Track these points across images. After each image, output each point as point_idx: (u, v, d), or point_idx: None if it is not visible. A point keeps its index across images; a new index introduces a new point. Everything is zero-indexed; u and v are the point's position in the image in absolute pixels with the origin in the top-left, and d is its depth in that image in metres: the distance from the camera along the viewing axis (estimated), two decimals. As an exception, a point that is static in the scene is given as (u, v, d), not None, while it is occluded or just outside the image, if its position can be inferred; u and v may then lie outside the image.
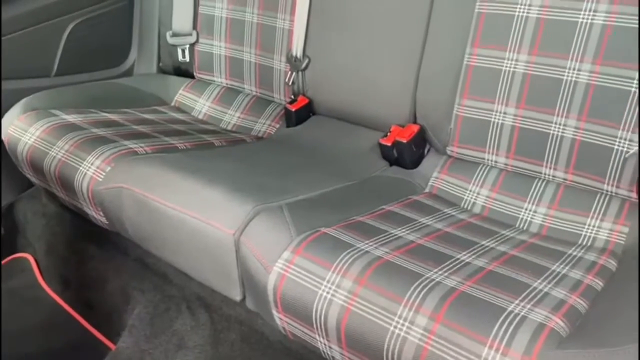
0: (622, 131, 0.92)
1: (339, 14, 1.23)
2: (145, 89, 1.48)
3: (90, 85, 1.42)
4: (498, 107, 1.03)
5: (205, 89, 1.49)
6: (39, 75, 1.42)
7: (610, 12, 0.91)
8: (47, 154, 1.11)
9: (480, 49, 1.04)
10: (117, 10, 1.53)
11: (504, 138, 1.04)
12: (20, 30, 1.34)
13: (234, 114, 1.43)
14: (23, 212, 1.41)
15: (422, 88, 1.13)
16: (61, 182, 1.10)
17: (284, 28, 1.33)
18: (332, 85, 1.28)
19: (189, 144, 1.19)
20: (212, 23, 1.45)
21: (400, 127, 1.15)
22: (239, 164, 1.07)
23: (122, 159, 1.04)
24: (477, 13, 1.04)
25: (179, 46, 1.49)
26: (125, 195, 0.98)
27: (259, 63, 1.40)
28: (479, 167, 1.10)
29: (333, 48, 1.25)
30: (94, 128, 1.17)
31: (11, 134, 1.18)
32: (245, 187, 0.93)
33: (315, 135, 1.27)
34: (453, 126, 1.09)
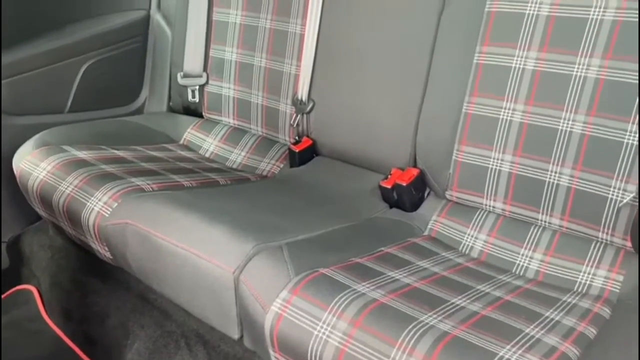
0: (616, 181, 0.94)
1: (343, 61, 1.27)
2: (155, 127, 1.52)
3: (102, 122, 1.47)
4: (495, 154, 1.06)
5: (213, 128, 1.53)
6: (53, 112, 1.47)
7: (602, 67, 0.95)
8: (57, 188, 1.14)
9: (478, 98, 1.08)
10: (130, 51, 1.59)
11: (502, 184, 1.07)
12: (38, 68, 1.40)
13: (240, 153, 1.47)
14: (29, 244, 1.43)
15: (422, 133, 1.16)
16: (69, 217, 1.12)
17: (290, 73, 1.38)
18: (335, 127, 1.32)
19: (195, 182, 1.22)
20: (222, 66, 1.50)
21: (401, 170, 1.18)
22: (241, 202, 1.10)
23: (129, 195, 1.07)
24: (476, 63, 1.08)
25: (189, 87, 1.54)
26: (130, 231, 1.01)
27: (266, 105, 1.44)
28: (477, 212, 1.12)
29: (337, 92, 1.29)
30: (103, 164, 1.21)
31: (23, 168, 1.22)
32: (247, 226, 0.95)
33: (318, 176, 1.30)
34: (452, 171, 1.12)
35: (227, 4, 1.47)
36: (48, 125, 1.37)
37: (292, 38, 1.37)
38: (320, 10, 1.30)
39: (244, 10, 1.45)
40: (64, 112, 1.49)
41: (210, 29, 1.51)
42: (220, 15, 1.49)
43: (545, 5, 1.00)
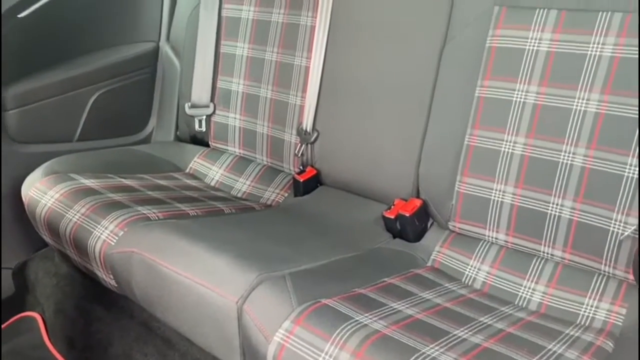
0: (617, 214, 0.95)
1: (347, 93, 1.30)
2: (162, 156, 1.54)
3: (109, 151, 1.50)
4: (497, 185, 1.07)
5: (219, 157, 1.56)
6: (62, 140, 1.50)
7: (601, 101, 0.96)
8: (64, 216, 1.15)
9: (480, 130, 1.09)
10: (139, 82, 1.63)
11: (504, 216, 1.07)
12: (49, 98, 1.44)
13: (245, 182, 1.49)
14: (35, 271, 1.44)
15: (425, 164, 1.18)
16: (75, 244, 1.14)
17: (295, 104, 1.41)
18: (339, 158, 1.33)
19: (200, 210, 1.24)
20: (228, 96, 1.53)
21: (404, 201, 1.20)
22: (245, 232, 1.11)
23: (135, 224, 1.09)
24: (477, 97, 1.10)
25: (197, 117, 1.57)
26: (135, 260, 1.02)
27: (271, 135, 1.46)
28: (480, 243, 1.12)
29: (341, 123, 1.32)
30: (110, 193, 1.23)
31: (32, 196, 1.24)
32: (250, 256, 0.96)
33: (322, 205, 1.31)
34: (454, 202, 1.13)
35: (234, 37, 1.51)
36: (57, 154, 1.40)
37: (297, 70, 1.40)
38: (325, 44, 1.33)
39: (251, 43, 1.49)
40: (73, 140, 1.52)
41: (218, 60, 1.55)
42: (228, 47, 1.53)
43: (545, 41, 1.03)
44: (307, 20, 1.38)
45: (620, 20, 0.96)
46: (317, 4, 1.35)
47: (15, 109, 1.38)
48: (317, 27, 1.34)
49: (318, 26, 1.34)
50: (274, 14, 1.44)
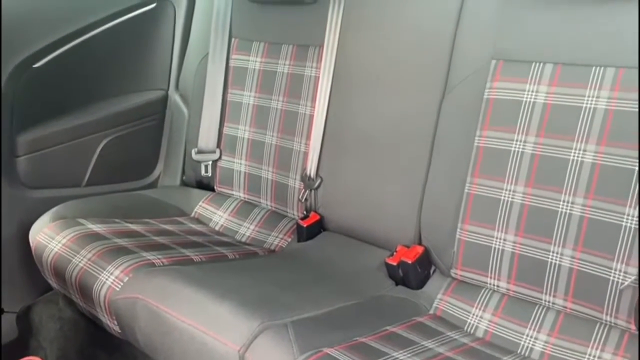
0: (616, 263, 0.96)
1: (350, 140, 1.33)
2: (168, 201, 1.57)
3: (116, 196, 1.53)
4: (498, 233, 1.09)
5: (224, 201, 1.58)
6: (71, 185, 1.53)
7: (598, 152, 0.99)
8: (71, 261, 1.17)
9: (479, 179, 1.12)
10: (148, 128, 1.67)
11: (505, 263, 1.08)
12: (59, 144, 1.48)
13: (249, 227, 1.51)
14: (39, 315, 1.45)
15: (426, 211, 1.20)
16: (80, 289, 1.15)
17: (300, 150, 1.44)
18: (342, 204, 1.36)
19: (204, 256, 1.25)
20: (234, 143, 1.57)
21: (406, 248, 1.21)
22: (249, 278, 1.12)
23: (140, 270, 1.10)
24: (476, 146, 1.13)
25: (203, 162, 1.60)
26: (139, 306, 1.03)
27: (275, 180, 1.49)
28: (482, 291, 1.13)
29: (344, 170, 1.34)
30: (117, 238, 1.25)
31: (39, 241, 1.26)
32: (253, 303, 0.97)
33: (325, 251, 1.32)
34: (456, 249, 1.14)
35: (241, 85, 1.56)
36: (66, 198, 1.43)
37: (302, 118, 1.44)
38: (329, 94, 1.37)
39: (257, 92, 1.53)
40: (82, 185, 1.55)
41: (225, 108, 1.59)
42: (235, 96, 1.58)
43: (542, 94, 1.06)
44: (311, 71, 1.43)
45: (613, 75, 0.99)
46: (321, 56, 1.40)
47: (27, 155, 1.42)
48: (320, 78, 1.39)
49: (322, 77, 1.39)
50: (280, 65, 1.49)
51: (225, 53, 1.59)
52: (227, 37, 1.59)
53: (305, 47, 1.44)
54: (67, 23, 1.45)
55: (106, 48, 1.56)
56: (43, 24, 1.41)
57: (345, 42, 1.35)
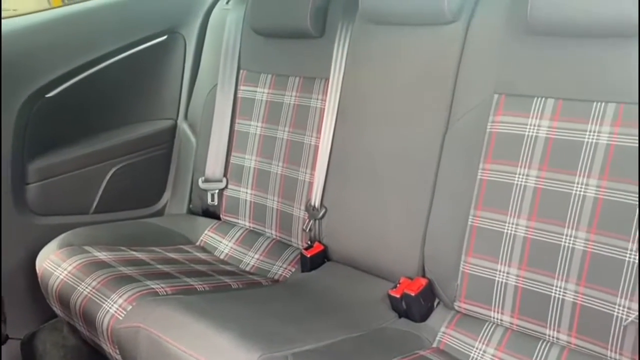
0: (620, 298, 0.95)
1: (354, 171, 1.34)
2: (174, 228, 1.58)
3: (123, 224, 1.54)
4: (501, 267, 1.09)
5: (230, 230, 1.59)
6: (79, 213, 1.55)
7: (600, 187, 0.99)
8: (75, 289, 1.18)
9: (482, 212, 1.12)
10: (156, 157, 1.70)
11: (508, 297, 1.08)
12: (69, 172, 1.50)
13: (254, 256, 1.51)
14: (43, 342, 1.45)
15: (430, 244, 1.20)
16: (84, 317, 1.16)
17: (305, 180, 1.45)
18: (346, 234, 1.36)
19: (208, 285, 1.25)
20: (241, 172, 1.59)
21: (409, 280, 1.20)
22: (251, 309, 1.12)
23: (143, 299, 1.11)
24: (479, 179, 1.13)
25: (209, 191, 1.62)
26: (141, 335, 1.03)
27: (280, 210, 1.50)
28: (486, 325, 1.12)
29: (348, 201, 1.35)
30: (122, 266, 1.26)
31: (45, 268, 1.27)
32: (254, 334, 0.97)
33: (328, 281, 1.32)
34: (459, 282, 1.14)
35: (248, 116, 1.59)
36: (74, 225, 1.44)
37: (307, 149, 1.46)
38: (334, 125, 1.39)
39: (264, 122, 1.56)
40: (89, 213, 1.57)
41: (232, 137, 1.61)
42: (242, 126, 1.60)
43: (544, 128, 1.07)
44: (317, 103, 1.45)
45: (614, 110, 1.00)
46: (326, 88, 1.42)
47: (37, 182, 1.45)
48: (326, 109, 1.41)
49: (327, 108, 1.41)
50: (286, 96, 1.52)
51: (234, 84, 1.62)
52: (236, 69, 1.62)
53: (312, 80, 1.47)
54: (80, 54, 1.49)
55: (117, 79, 1.60)
56: (57, 55, 1.45)
57: (351, 75, 1.37)
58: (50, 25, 1.46)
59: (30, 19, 1.44)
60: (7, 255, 1.38)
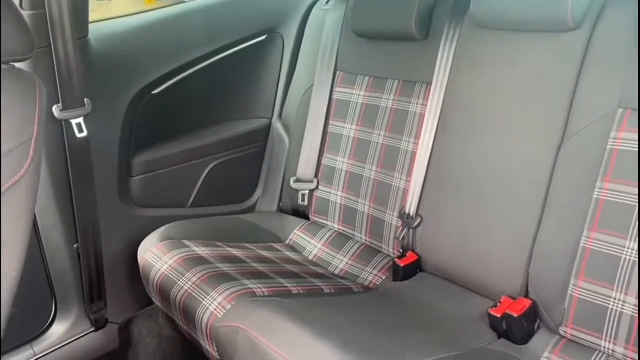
0: None
1: (455, 182, 1.29)
2: (265, 226, 1.60)
3: (218, 219, 1.58)
4: (616, 294, 1.01)
5: (319, 231, 1.59)
6: (177, 206, 1.60)
7: None
8: (176, 283, 1.22)
9: (597, 234, 1.05)
10: (251, 155, 1.73)
11: (623, 328, 1.00)
12: (170, 167, 1.55)
13: (343, 259, 1.50)
14: (140, 329, 1.52)
15: (536, 265, 1.14)
16: (184, 312, 1.19)
17: (399, 187, 1.42)
18: (443, 247, 1.32)
19: (301, 288, 1.26)
20: (332, 174, 1.58)
21: (511, 299, 1.15)
22: (347, 317, 1.11)
23: (242, 299, 1.13)
24: (596, 199, 1.06)
25: (300, 191, 1.63)
26: (241, 336, 1.05)
27: (372, 215, 1.48)
28: (595, 354, 1.05)
29: (447, 212, 1.31)
30: (219, 263, 1.28)
31: (147, 259, 1.33)
32: (353, 346, 0.96)
33: (422, 294, 1.29)
34: (567, 306, 1.08)
35: (343, 118, 1.57)
36: (171, 218, 1.50)
37: (403, 154, 1.42)
38: (435, 132, 1.35)
39: (358, 125, 1.54)
40: (186, 206, 1.62)
41: (325, 139, 1.61)
42: (336, 127, 1.59)
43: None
44: (416, 108, 1.41)
45: None
46: (428, 93, 1.38)
47: (140, 176, 1.50)
48: (427, 115, 1.37)
49: (428, 114, 1.37)
50: (384, 100, 1.49)
51: (330, 85, 1.61)
52: (333, 70, 1.62)
53: (412, 83, 1.43)
54: (184, 53, 1.54)
55: (217, 77, 1.63)
56: (163, 54, 1.50)
57: (456, 81, 1.32)
58: (158, 25, 1.51)
59: (138, 20, 1.50)
60: (110, 244, 1.45)
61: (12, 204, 0.63)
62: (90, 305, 1.43)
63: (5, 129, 0.64)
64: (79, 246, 1.37)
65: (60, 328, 1.42)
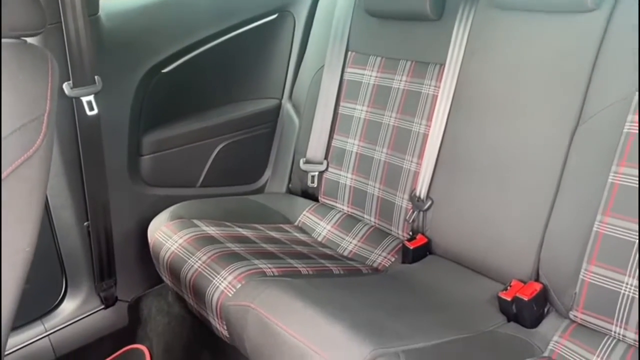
0: None
1: (467, 164, 1.28)
2: (274, 207, 1.60)
3: (227, 199, 1.58)
4: (629, 279, 1.01)
5: (328, 213, 1.58)
6: (186, 186, 1.60)
7: None
8: (186, 262, 1.22)
9: (611, 218, 1.04)
10: (260, 136, 1.72)
11: (634, 313, 1.00)
12: (180, 146, 1.55)
13: (352, 241, 1.50)
14: (149, 307, 1.53)
15: (547, 248, 1.13)
16: (193, 290, 1.20)
17: (410, 169, 1.41)
18: (453, 229, 1.31)
19: (311, 269, 1.26)
20: (342, 156, 1.57)
21: (522, 283, 1.15)
22: (358, 298, 1.11)
23: (252, 278, 1.13)
24: (610, 183, 1.05)
25: (310, 172, 1.62)
26: (251, 315, 1.05)
27: (382, 197, 1.47)
28: (605, 338, 1.05)
29: (458, 195, 1.30)
30: (229, 243, 1.28)
31: (157, 238, 1.33)
32: (365, 327, 0.96)
33: (431, 276, 1.29)
34: (578, 290, 1.07)
35: (354, 99, 1.56)
36: (180, 197, 1.50)
37: (414, 136, 1.41)
38: (447, 114, 1.33)
39: (369, 106, 1.52)
40: (195, 186, 1.62)
41: (336, 120, 1.60)
42: (346, 109, 1.58)
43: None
44: (429, 89, 1.39)
45: None
46: (441, 75, 1.36)
47: (150, 155, 1.50)
48: (439, 97, 1.36)
49: (441, 96, 1.35)
50: (396, 81, 1.47)
51: (341, 66, 1.59)
52: (344, 50, 1.60)
53: (425, 64, 1.42)
54: (194, 32, 1.52)
55: (227, 56, 1.62)
56: (173, 32, 1.49)
57: (470, 62, 1.30)
58: (168, 3, 1.49)
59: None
60: (120, 222, 1.45)
61: (26, 178, 0.63)
62: (100, 283, 1.44)
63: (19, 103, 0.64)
64: (89, 224, 1.38)
65: (71, 305, 1.43)
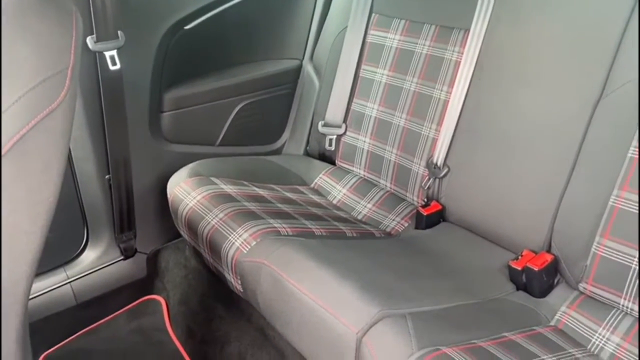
0: None
1: (486, 133, 1.27)
2: (291, 169, 1.62)
3: (245, 159, 1.60)
4: (641, 254, 1.01)
5: (344, 176, 1.60)
6: (205, 144, 1.62)
7: None
8: (204, 218, 1.25)
9: (628, 193, 1.03)
10: (280, 96, 1.72)
11: (645, 287, 1.00)
12: (200, 104, 1.56)
13: (366, 205, 1.51)
14: (166, 260, 1.57)
15: (561, 220, 1.13)
16: (210, 246, 1.23)
17: (428, 136, 1.41)
18: (468, 197, 1.32)
19: (324, 230, 1.28)
20: (361, 120, 1.57)
21: (533, 253, 1.16)
22: (368, 261, 1.13)
23: (267, 236, 1.15)
24: (630, 157, 1.04)
25: (328, 135, 1.62)
26: (264, 271, 1.08)
27: (398, 163, 1.48)
28: (613, 311, 1.06)
29: (475, 163, 1.30)
30: (246, 201, 1.31)
31: (176, 194, 1.36)
32: (374, 288, 0.98)
33: (444, 243, 1.30)
34: (589, 263, 1.08)
35: (375, 62, 1.55)
36: (199, 155, 1.52)
37: (435, 103, 1.40)
38: (469, 81, 1.32)
39: (391, 70, 1.51)
40: (215, 145, 1.64)
41: (356, 83, 1.59)
42: (367, 72, 1.56)
43: None
44: (452, 55, 1.38)
45: None
46: (465, 41, 1.34)
47: (171, 112, 1.52)
48: (462, 63, 1.34)
49: (464, 62, 1.33)
50: (419, 45, 1.45)
51: (364, 28, 1.57)
52: (368, 11, 1.57)
53: (449, 29, 1.39)
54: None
55: (250, 15, 1.60)
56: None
57: (495, 29, 1.28)
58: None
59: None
60: (140, 177, 1.48)
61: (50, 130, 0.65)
62: (120, 235, 1.49)
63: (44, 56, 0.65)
64: (110, 177, 1.41)
65: (91, 254, 1.48)
